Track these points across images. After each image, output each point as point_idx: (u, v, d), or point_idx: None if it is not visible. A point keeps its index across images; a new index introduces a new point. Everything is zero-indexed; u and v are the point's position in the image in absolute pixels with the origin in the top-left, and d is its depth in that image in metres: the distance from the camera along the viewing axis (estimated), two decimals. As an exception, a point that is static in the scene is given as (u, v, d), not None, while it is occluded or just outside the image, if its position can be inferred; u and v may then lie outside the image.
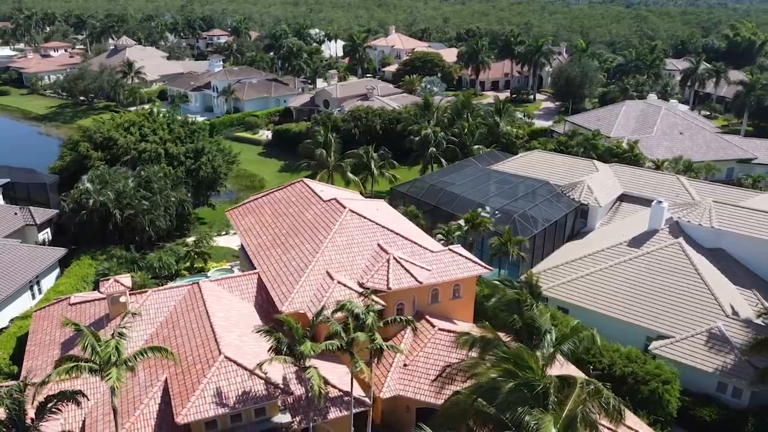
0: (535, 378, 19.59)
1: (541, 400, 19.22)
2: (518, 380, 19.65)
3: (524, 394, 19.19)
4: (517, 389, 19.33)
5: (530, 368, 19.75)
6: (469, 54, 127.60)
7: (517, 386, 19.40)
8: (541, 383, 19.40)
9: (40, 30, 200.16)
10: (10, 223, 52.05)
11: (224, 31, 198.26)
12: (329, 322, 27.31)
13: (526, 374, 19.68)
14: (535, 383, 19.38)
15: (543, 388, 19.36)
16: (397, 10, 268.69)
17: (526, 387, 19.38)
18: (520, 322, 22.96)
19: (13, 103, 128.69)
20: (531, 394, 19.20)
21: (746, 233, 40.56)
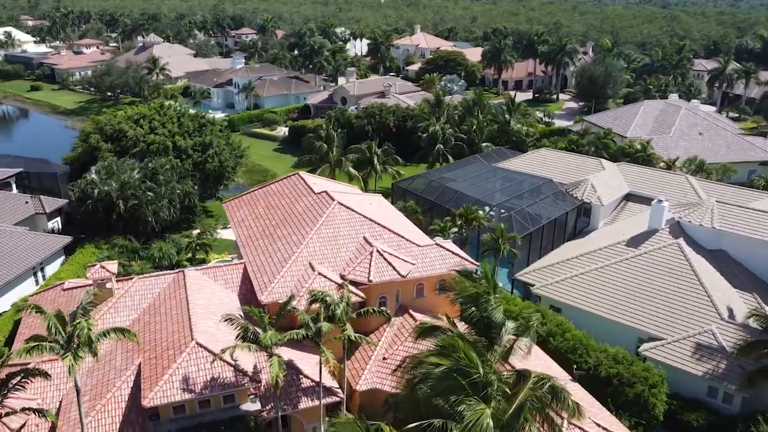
0: (470, 365, 19.12)
1: (480, 390, 18.78)
2: (448, 367, 19.19)
3: (458, 382, 18.75)
4: (449, 376, 18.92)
5: (466, 357, 19.27)
6: (492, 53, 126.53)
7: (449, 373, 18.98)
8: (478, 372, 18.94)
9: (76, 28, 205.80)
10: (20, 211, 53.51)
11: (252, 30, 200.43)
12: (297, 312, 27.29)
13: (460, 362, 19.20)
14: (469, 370, 18.92)
15: (483, 378, 18.93)
16: (426, 9, 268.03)
17: (460, 374, 18.94)
18: (477, 315, 22.52)
19: (44, 98, 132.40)
20: (466, 382, 18.75)
21: (748, 234, 39.16)
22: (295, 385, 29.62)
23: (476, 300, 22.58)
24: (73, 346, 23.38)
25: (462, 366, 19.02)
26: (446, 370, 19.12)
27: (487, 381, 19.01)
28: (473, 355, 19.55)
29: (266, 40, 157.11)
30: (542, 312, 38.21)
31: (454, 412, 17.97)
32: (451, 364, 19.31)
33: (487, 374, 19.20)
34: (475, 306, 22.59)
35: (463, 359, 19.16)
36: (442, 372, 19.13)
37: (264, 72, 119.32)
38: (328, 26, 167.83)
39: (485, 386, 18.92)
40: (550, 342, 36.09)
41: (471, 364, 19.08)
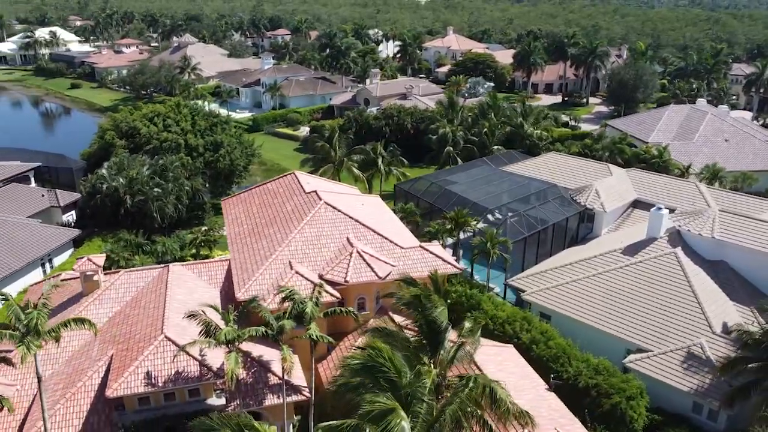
0: (384, 365, 18.77)
1: (398, 390, 18.48)
2: (361, 364, 18.93)
3: (379, 383, 18.47)
4: (364, 371, 18.64)
5: (387, 359, 18.94)
6: (521, 55, 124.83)
7: (361, 370, 18.70)
8: (396, 373, 18.62)
9: (120, 28, 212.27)
10: (36, 203, 55.55)
11: (288, 31, 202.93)
12: (260, 310, 27.50)
13: (379, 362, 18.89)
14: (383, 368, 18.61)
15: (406, 382, 18.63)
16: (464, 11, 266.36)
17: (377, 374, 18.64)
18: (422, 318, 22.20)
19: (83, 95, 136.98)
20: (387, 384, 18.46)
21: (749, 245, 37.56)
22: (263, 382, 29.83)
23: (418, 303, 22.27)
24: (28, 334, 24.05)
25: (378, 366, 18.70)
26: (359, 368, 18.87)
27: (408, 384, 18.70)
28: (397, 357, 19.24)
29: (298, 41, 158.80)
30: (528, 319, 37.51)
31: (368, 414, 17.76)
32: (365, 361, 19.03)
33: (410, 378, 18.90)
34: (417, 309, 22.28)
35: (382, 360, 18.85)
36: (358, 368, 18.87)
37: (291, 72, 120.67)
38: (360, 28, 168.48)
39: (407, 389, 18.61)
40: (533, 350, 35.36)
41: (385, 365, 18.73)
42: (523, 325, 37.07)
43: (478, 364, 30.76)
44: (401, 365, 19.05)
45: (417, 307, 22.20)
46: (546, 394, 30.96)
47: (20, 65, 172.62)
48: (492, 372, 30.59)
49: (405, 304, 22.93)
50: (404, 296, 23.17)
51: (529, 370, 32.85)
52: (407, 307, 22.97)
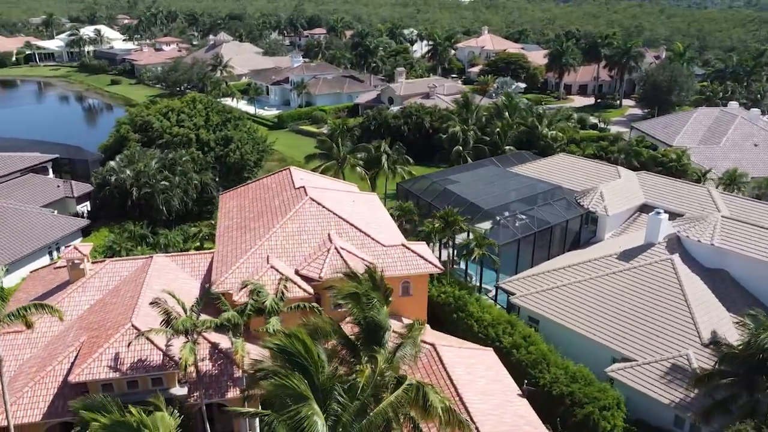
0: (301, 354, 18.30)
1: (318, 392, 18.06)
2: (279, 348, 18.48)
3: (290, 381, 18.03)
4: (282, 356, 18.22)
5: (304, 356, 18.48)
6: (553, 56, 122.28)
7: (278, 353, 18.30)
8: (313, 365, 18.18)
9: (163, 27, 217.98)
10: (51, 193, 57.37)
11: (324, 30, 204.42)
12: (219, 302, 27.56)
13: (296, 350, 18.42)
14: (299, 359, 18.16)
15: (322, 379, 18.19)
16: (505, 11, 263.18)
17: (293, 361, 18.20)
18: (360, 316, 21.69)
19: (121, 91, 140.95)
20: (304, 381, 18.02)
21: (749, 254, 35.66)
22: (228, 374, 29.91)
23: (357, 300, 21.79)
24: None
25: (295, 354, 18.25)
26: (280, 353, 18.46)
27: (326, 380, 18.27)
28: (316, 351, 18.74)
29: (331, 40, 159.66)
30: (512, 323, 36.60)
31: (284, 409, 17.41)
32: (283, 345, 18.60)
33: (327, 375, 18.44)
34: (356, 306, 21.80)
35: (302, 360, 18.39)
36: (274, 369, 18.52)
37: (319, 71, 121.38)
38: (395, 27, 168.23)
39: (324, 386, 18.18)
40: (513, 354, 34.47)
41: (307, 358, 18.27)
42: (507, 328, 36.20)
43: (447, 366, 30.21)
44: (319, 360, 18.62)
45: (356, 303, 21.72)
46: (516, 400, 30.04)
47: (67, 62, 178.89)
48: (460, 375, 29.98)
49: (343, 299, 22.44)
50: (341, 291, 22.69)
51: (503, 375, 31.95)
52: (345, 302, 22.46)
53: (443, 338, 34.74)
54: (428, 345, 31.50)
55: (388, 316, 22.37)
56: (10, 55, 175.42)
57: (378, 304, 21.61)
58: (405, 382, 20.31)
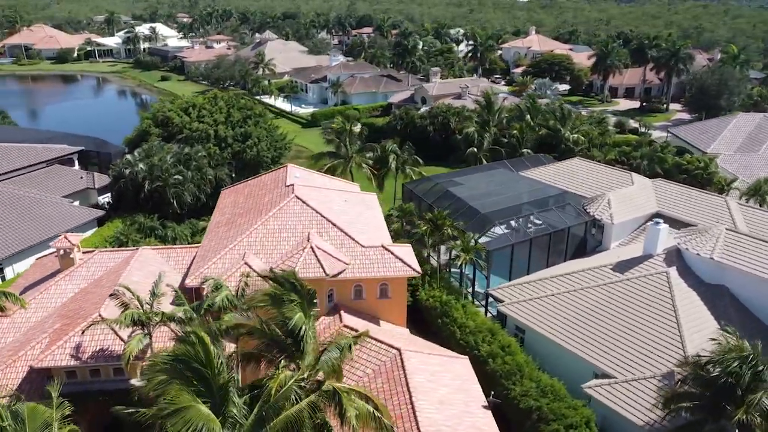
0: (196, 359, 17.98)
1: (216, 394, 17.75)
2: (172, 357, 18.24)
3: (189, 379, 17.81)
4: (172, 368, 18.01)
5: (198, 358, 18.16)
6: (598, 57, 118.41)
7: (172, 362, 18.07)
8: (209, 370, 17.86)
9: (218, 24, 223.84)
10: (74, 184, 59.62)
11: (372, 29, 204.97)
12: (159, 297, 27.84)
13: (191, 356, 18.14)
14: (194, 364, 17.87)
15: (219, 380, 17.88)
16: (561, 11, 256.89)
17: (188, 368, 17.94)
18: (280, 318, 21.27)
19: (169, 87, 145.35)
20: (196, 379, 17.77)
21: (750, 270, 33.26)
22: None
23: (275, 301, 21.40)
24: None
25: (189, 360, 18.00)
26: (167, 364, 18.28)
27: (224, 384, 17.94)
28: (215, 354, 18.42)
29: (375, 39, 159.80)
30: (493, 331, 35.48)
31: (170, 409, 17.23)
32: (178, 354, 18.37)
33: (223, 377, 18.09)
34: (275, 308, 21.41)
35: (196, 357, 18.11)
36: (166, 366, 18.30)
37: (357, 70, 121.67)
38: (441, 27, 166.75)
39: (221, 391, 17.84)
40: (489, 364, 33.38)
41: (203, 362, 17.98)
42: (486, 337, 35.12)
43: (407, 372, 29.40)
44: (216, 363, 18.30)
45: (276, 305, 21.35)
46: (479, 412, 28.98)
47: (124, 58, 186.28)
48: (420, 382, 29.16)
49: (260, 300, 22.10)
50: (257, 293, 22.36)
51: (471, 385, 30.89)
52: (264, 304, 22.09)
53: (417, 343, 33.98)
54: (394, 350, 30.84)
55: (312, 319, 21.93)
56: (71, 51, 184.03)
57: (295, 307, 21.14)
58: (321, 387, 19.83)
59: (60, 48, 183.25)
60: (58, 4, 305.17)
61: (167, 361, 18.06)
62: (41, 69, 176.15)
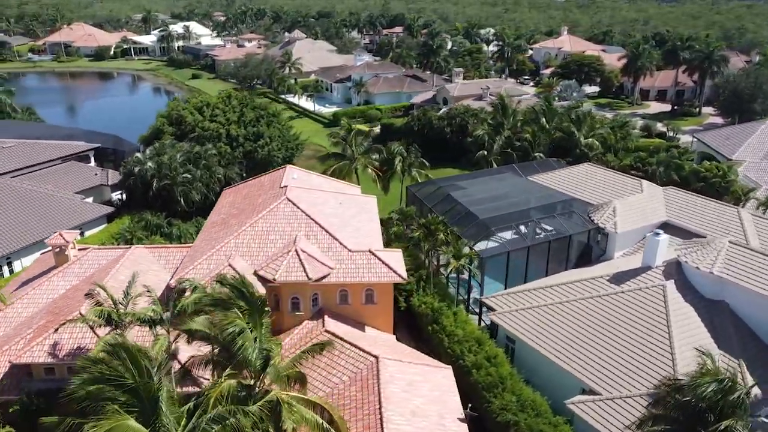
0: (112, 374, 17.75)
1: (147, 405, 17.51)
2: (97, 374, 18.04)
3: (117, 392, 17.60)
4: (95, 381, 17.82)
5: (124, 364, 17.93)
6: (629, 58, 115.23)
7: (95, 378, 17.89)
8: (135, 382, 17.62)
9: (252, 23, 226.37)
10: (88, 180, 60.77)
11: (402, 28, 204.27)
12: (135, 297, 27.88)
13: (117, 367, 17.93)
14: (121, 378, 17.67)
15: (149, 387, 17.63)
16: (598, 10, 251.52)
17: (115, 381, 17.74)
18: (222, 324, 20.92)
19: (198, 85, 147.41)
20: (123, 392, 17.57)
21: (751, 286, 31.62)
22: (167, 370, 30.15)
23: (220, 307, 21.08)
24: None
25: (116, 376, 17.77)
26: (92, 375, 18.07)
27: (152, 395, 17.64)
28: (142, 365, 18.15)
29: (403, 38, 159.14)
30: (480, 340, 34.65)
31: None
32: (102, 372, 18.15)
33: (153, 388, 17.79)
34: (221, 314, 21.10)
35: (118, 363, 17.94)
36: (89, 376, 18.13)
37: (382, 69, 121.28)
38: (471, 27, 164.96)
39: (152, 401, 17.58)
40: (473, 374, 32.59)
41: (118, 372, 17.76)
42: (473, 346, 34.30)
43: (381, 381, 28.84)
44: (148, 373, 18.00)
45: (220, 311, 21.06)
46: (453, 425, 28.22)
47: (158, 56, 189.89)
48: (393, 392, 28.58)
49: (208, 305, 21.81)
50: (205, 298, 22.09)
51: (450, 397, 30.13)
52: (210, 309, 21.81)
53: (400, 351, 33.42)
54: (372, 358, 30.36)
55: (263, 327, 21.56)
56: (109, 48, 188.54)
57: (242, 314, 20.78)
58: (266, 396, 19.48)
59: (98, 46, 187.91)
60: (101, 3, 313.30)
61: (95, 372, 17.87)
62: (79, 66, 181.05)
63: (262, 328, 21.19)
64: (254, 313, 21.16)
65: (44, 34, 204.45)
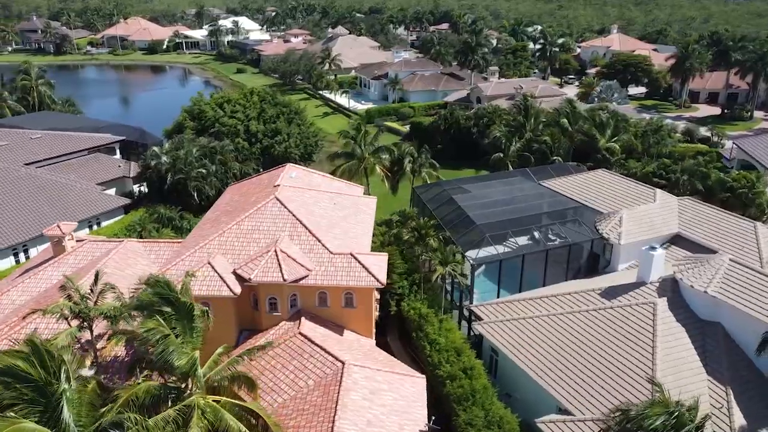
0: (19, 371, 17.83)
1: (51, 404, 17.59)
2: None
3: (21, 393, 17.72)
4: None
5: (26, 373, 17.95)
6: (677, 59, 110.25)
7: None
8: (41, 380, 17.69)
9: (302, 18, 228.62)
10: (111, 172, 62.64)
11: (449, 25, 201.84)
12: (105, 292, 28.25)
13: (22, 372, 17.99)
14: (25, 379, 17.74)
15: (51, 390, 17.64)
16: (657, 7, 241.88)
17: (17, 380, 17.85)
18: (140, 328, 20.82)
19: (242, 79, 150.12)
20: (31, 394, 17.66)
21: (745, 308, 29.50)
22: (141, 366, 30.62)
23: (142, 311, 20.98)
24: None
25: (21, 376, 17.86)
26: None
27: (57, 395, 17.68)
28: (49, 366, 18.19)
29: (446, 36, 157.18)
30: (459, 350, 33.72)
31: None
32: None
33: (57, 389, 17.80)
34: (149, 319, 21.02)
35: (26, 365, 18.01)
36: None
37: (419, 67, 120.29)
38: (518, 24, 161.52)
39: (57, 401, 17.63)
40: (446, 386, 31.74)
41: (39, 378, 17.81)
42: (451, 356, 33.42)
43: (342, 388, 28.35)
44: (52, 373, 18.05)
45: (143, 315, 21.00)
46: (415, 437, 27.57)
47: (209, 50, 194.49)
48: (353, 400, 28.07)
49: (134, 309, 21.76)
50: (128, 301, 22.05)
51: (416, 408, 29.33)
52: (137, 312, 21.76)
53: (374, 357, 32.82)
54: (339, 363, 29.95)
55: (193, 332, 21.42)
56: (161, 42, 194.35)
57: (161, 320, 20.63)
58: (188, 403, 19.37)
59: (151, 39, 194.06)
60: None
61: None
62: (133, 59, 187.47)
63: (193, 333, 21.08)
64: (182, 318, 21.05)
65: (104, 27, 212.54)
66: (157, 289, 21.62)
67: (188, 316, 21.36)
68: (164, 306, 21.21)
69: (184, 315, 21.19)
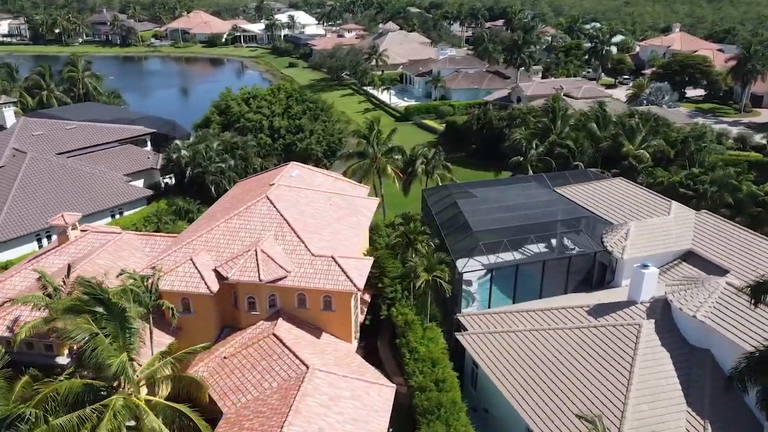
0: None
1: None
2: None
3: None
4: None
5: None
6: (739, 60, 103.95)
7: None
8: None
9: (360, 13, 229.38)
10: (140, 163, 64.64)
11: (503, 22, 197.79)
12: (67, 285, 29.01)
13: None
14: None
15: None
16: (730, 4, 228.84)
17: None
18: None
19: (293, 73, 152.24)
20: None
21: (734, 337, 27.33)
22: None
23: (72, 312, 21.23)
24: None
25: None
26: None
27: None
28: None
29: (497, 32, 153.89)
30: (435, 361, 32.81)
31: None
32: None
33: None
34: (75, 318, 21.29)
35: None
36: None
37: (464, 65, 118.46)
38: (575, 22, 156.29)
39: None
40: (416, 397, 31.01)
41: None
42: (426, 367, 32.61)
43: (299, 393, 28.10)
44: None
45: (74, 315, 21.28)
46: (367, 448, 27.08)
47: (266, 44, 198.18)
48: (309, 407, 27.79)
49: (65, 311, 22.05)
50: (61, 301, 22.36)
51: (376, 418, 28.84)
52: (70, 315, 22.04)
53: (345, 363, 32.43)
54: (304, 367, 29.79)
55: (127, 332, 21.60)
56: (221, 36, 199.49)
57: (90, 320, 20.87)
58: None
59: (211, 33, 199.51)
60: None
61: None
62: (193, 52, 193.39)
63: (125, 333, 21.32)
64: (114, 319, 21.30)
65: (168, 21, 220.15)
66: (87, 289, 21.95)
67: (120, 317, 21.60)
68: (97, 306, 21.54)
69: (116, 315, 21.45)
